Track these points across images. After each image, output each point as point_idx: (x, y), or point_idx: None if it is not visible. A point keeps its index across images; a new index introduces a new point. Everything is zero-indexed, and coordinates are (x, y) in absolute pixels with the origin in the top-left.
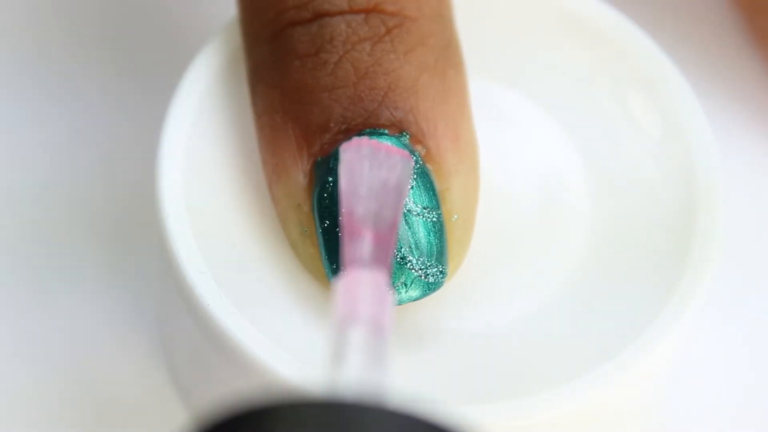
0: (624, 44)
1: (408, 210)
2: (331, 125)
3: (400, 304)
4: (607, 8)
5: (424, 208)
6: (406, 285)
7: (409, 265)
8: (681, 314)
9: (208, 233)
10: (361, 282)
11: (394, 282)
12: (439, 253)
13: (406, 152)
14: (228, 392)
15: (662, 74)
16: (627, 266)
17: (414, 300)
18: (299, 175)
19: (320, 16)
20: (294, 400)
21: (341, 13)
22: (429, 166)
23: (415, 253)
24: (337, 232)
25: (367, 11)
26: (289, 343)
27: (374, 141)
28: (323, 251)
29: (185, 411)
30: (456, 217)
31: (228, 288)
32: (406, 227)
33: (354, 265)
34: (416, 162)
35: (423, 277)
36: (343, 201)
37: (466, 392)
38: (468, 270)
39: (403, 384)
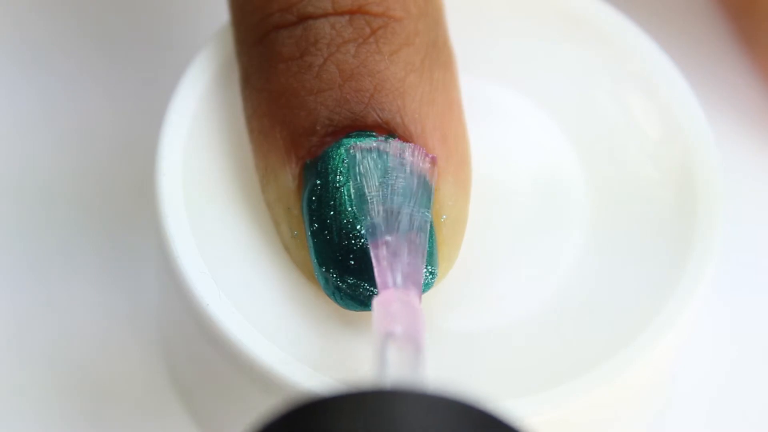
0: (623, 44)
1: None
2: (318, 128)
3: None
4: (606, 8)
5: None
6: None
7: None
8: (680, 314)
9: (207, 233)
10: (393, 302)
11: None
12: (428, 254)
13: (420, 148)
14: (227, 392)
15: (662, 74)
16: (626, 266)
17: None
18: (288, 178)
19: (304, 18)
20: (341, 392)
21: (325, 15)
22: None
23: None
24: (326, 235)
25: (352, 13)
26: (289, 343)
27: (381, 143)
28: (312, 254)
29: (185, 411)
30: (445, 217)
31: (227, 288)
32: None
33: (385, 285)
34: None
35: None
36: (366, 218)
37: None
38: (465, 270)
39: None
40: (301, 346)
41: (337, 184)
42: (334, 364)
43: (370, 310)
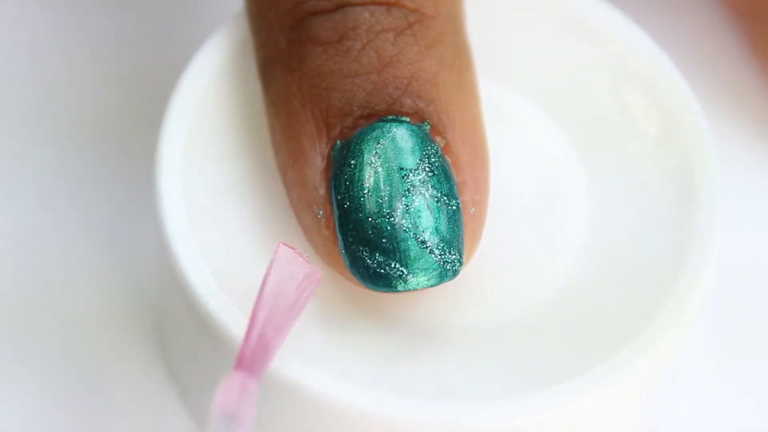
0: (623, 43)
1: (430, 195)
2: (354, 109)
3: (417, 289)
4: (605, 6)
5: (445, 195)
6: (424, 269)
7: (429, 249)
8: (680, 313)
9: (207, 231)
10: (236, 384)
11: (413, 266)
12: (457, 241)
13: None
14: None
15: (661, 73)
16: (625, 265)
17: (431, 286)
18: (317, 158)
19: (342, 6)
20: None
21: (363, 3)
22: (447, 158)
23: (435, 237)
24: (359, 213)
25: (389, 4)
26: (290, 340)
27: (299, 251)
28: (340, 234)
29: (185, 410)
30: (474, 210)
31: (227, 286)
32: (428, 212)
33: (239, 363)
34: (436, 152)
35: (441, 264)
36: (258, 301)
37: (466, 390)
38: (468, 268)
39: (407, 380)
40: (304, 344)
41: (372, 165)
42: (336, 360)
43: (395, 290)
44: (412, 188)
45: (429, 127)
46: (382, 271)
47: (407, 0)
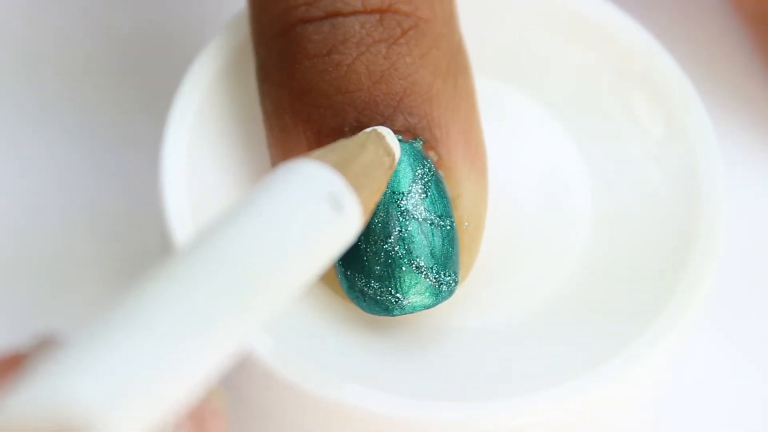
0: (627, 43)
1: (423, 218)
2: (346, 129)
3: (413, 312)
4: (610, 7)
5: (438, 216)
6: (420, 293)
7: (423, 274)
8: (681, 315)
9: None
10: None
11: (408, 290)
12: (452, 262)
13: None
14: (228, 389)
15: (665, 73)
16: (628, 266)
17: (427, 308)
18: None
19: (332, 15)
20: None
21: (355, 13)
22: (441, 173)
23: (430, 261)
24: (354, 241)
25: (382, 11)
26: (294, 340)
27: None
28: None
29: None
30: (467, 224)
31: None
32: (422, 236)
33: None
34: (429, 170)
35: (437, 286)
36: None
37: (467, 390)
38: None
39: (407, 381)
40: (308, 344)
41: None
42: (336, 360)
43: (392, 315)
44: (405, 212)
45: (422, 143)
46: (379, 297)
47: (402, 4)
